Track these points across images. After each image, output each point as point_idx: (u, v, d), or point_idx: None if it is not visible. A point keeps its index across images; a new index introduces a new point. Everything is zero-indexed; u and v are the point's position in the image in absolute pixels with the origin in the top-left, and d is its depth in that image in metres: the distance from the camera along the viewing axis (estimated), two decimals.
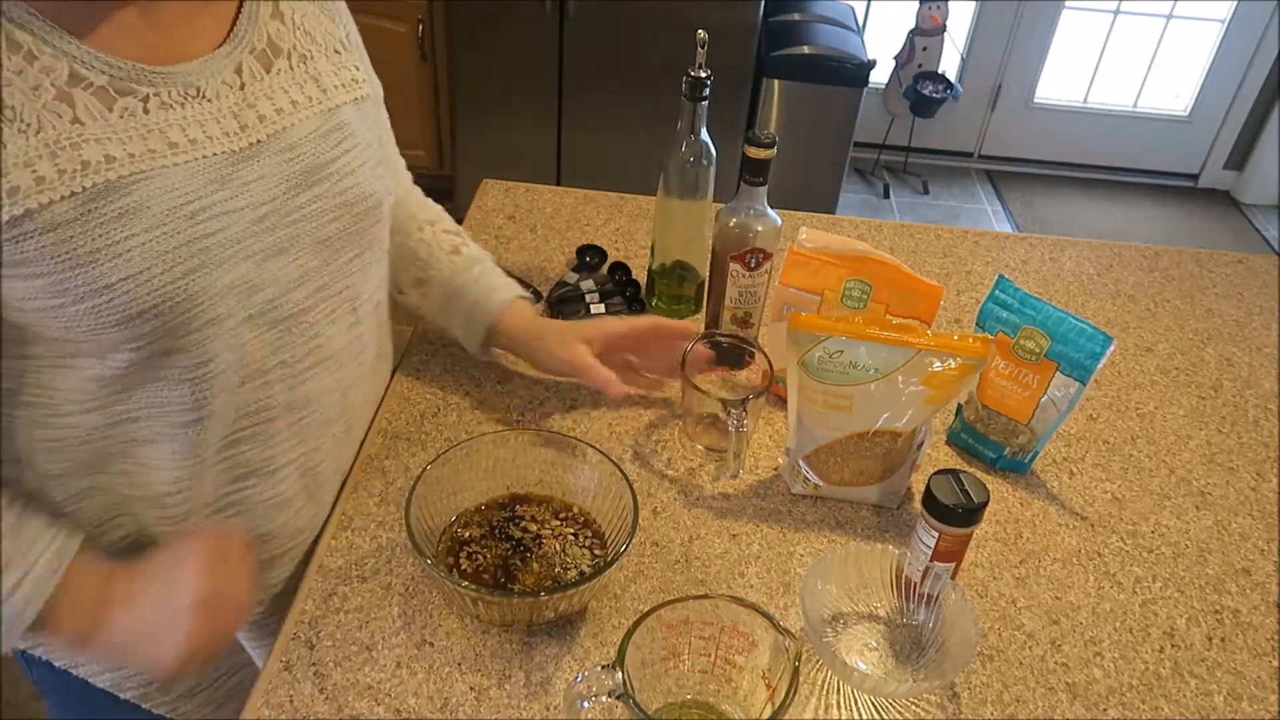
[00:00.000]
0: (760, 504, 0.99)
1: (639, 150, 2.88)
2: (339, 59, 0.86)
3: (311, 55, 0.83)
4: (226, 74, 0.76)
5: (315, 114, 0.81)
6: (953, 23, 3.43)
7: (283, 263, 0.79)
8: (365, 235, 0.87)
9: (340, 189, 0.82)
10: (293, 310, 0.81)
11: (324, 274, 0.83)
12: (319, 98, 0.82)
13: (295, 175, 0.79)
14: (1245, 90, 3.68)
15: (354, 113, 0.85)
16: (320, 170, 0.81)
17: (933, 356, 0.89)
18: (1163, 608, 0.92)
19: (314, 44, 0.84)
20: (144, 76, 0.70)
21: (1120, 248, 1.49)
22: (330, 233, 0.82)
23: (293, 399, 0.84)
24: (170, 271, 0.71)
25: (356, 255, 0.87)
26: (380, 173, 0.88)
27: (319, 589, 0.86)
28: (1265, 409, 1.19)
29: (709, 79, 1.06)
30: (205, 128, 0.73)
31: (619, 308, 1.24)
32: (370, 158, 0.86)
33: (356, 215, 0.85)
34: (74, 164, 0.66)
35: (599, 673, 0.69)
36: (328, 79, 0.83)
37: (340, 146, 0.83)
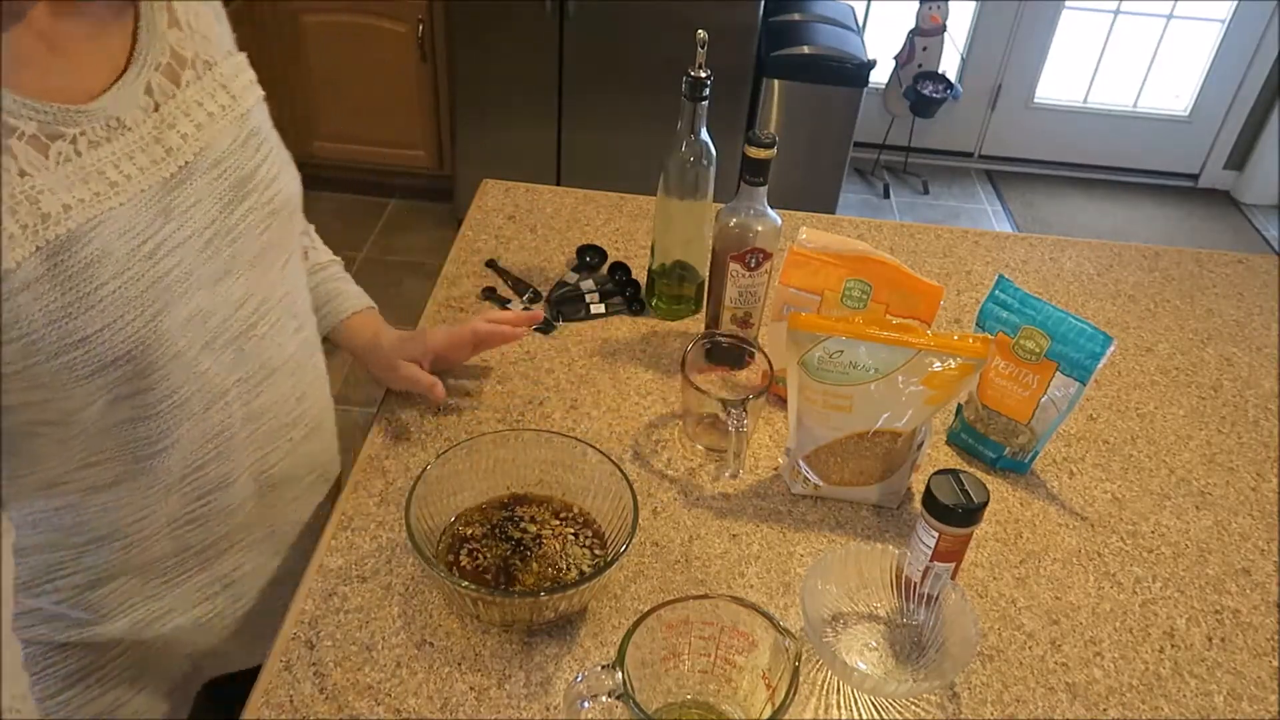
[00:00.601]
0: (760, 504, 0.99)
1: (639, 150, 2.88)
2: (235, 61, 0.83)
3: (214, 61, 0.80)
4: (140, 97, 0.73)
5: (231, 123, 0.79)
6: (953, 23, 3.43)
7: (229, 284, 0.78)
8: (291, 239, 0.87)
9: (267, 198, 0.81)
10: (243, 328, 0.81)
11: (263, 286, 0.83)
12: (231, 105, 0.80)
13: (227, 192, 0.77)
14: (1245, 90, 3.68)
15: (260, 115, 0.84)
16: (247, 182, 0.79)
17: (933, 356, 0.89)
18: (1163, 608, 0.92)
19: (212, 47, 0.81)
20: (68, 117, 0.67)
21: (1120, 248, 1.49)
22: (262, 245, 0.82)
23: (250, 411, 0.84)
24: (142, 315, 0.70)
25: (287, 260, 0.87)
26: (293, 171, 0.87)
27: (319, 589, 0.86)
28: (1265, 409, 1.19)
29: (709, 79, 1.06)
30: (134, 160, 0.71)
31: (619, 308, 1.24)
32: (282, 157, 0.85)
33: (283, 220, 0.84)
34: (34, 218, 0.64)
35: (599, 673, 0.69)
36: (234, 84, 0.81)
37: (259, 153, 0.81)
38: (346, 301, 1.05)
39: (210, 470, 0.82)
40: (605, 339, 1.19)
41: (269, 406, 0.86)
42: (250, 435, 0.85)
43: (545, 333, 1.19)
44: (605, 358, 1.16)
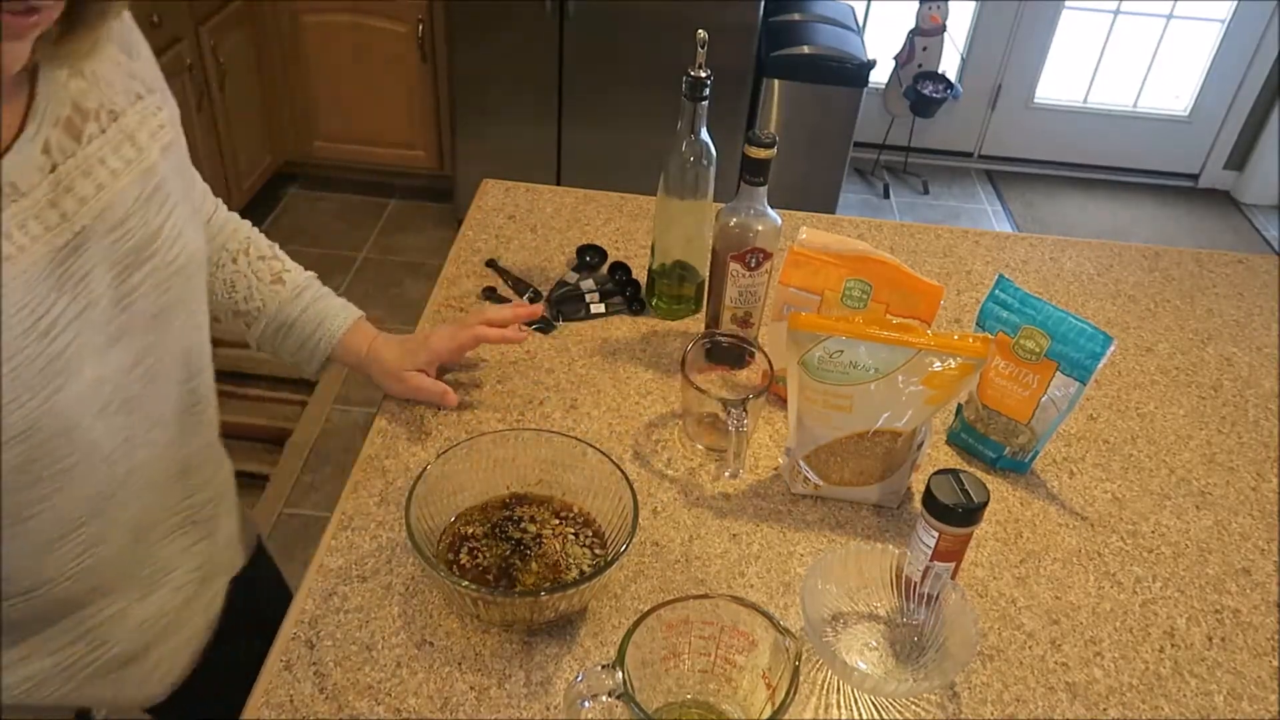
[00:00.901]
0: (760, 504, 0.99)
1: (639, 150, 2.88)
2: (143, 104, 0.76)
3: (120, 110, 0.73)
4: (36, 158, 0.66)
5: (135, 178, 0.73)
6: (953, 23, 3.43)
7: (121, 349, 0.74)
8: (196, 295, 0.82)
9: (171, 257, 0.76)
10: (133, 392, 0.76)
11: (158, 348, 0.78)
12: (136, 158, 0.74)
13: (126, 255, 0.72)
14: (1245, 90, 3.68)
15: (167, 165, 0.78)
16: (150, 244, 0.74)
17: (933, 356, 0.89)
18: (1163, 608, 0.92)
19: (116, 92, 0.74)
20: None
21: (1120, 248, 1.49)
22: (161, 305, 0.77)
23: (133, 465, 0.80)
24: (36, 396, 0.66)
25: (189, 316, 0.82)
26: (198, 222, 0.82)
27: (319, 589, 0.86)
28: (1265, 409, 1.19)
29: (709, 79, 1.06)
30: (27, 229, 0.65)
31: (619, 308, 1.24)
32: (188, 210, 0.80)
33: (186, 278, 0.79)
34: None
35: (599, 673, 0.69)
36: (140, 132, 0.75)
37: (164, 209, 0.76)
38: (335, 320, 1.03)
39: (86, 530, 0.77)
40: (605, 339, 1.19)
41: (149, 460, 0.82)
42: (129, 491, 0.81)
43: (545, 333, 1.19)
44: (605, 358, 1.16)
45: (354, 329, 1.04)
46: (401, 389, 1.06)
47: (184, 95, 2.58)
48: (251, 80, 2.97)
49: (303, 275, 1.04)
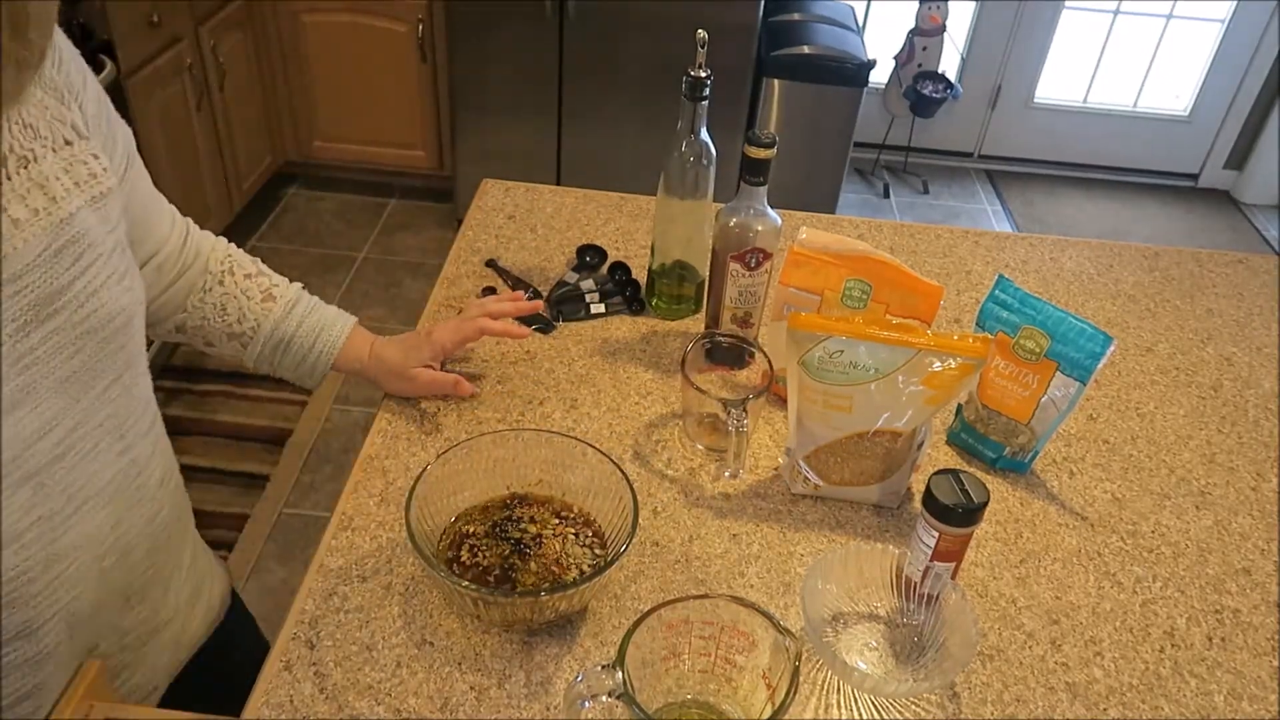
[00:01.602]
0: (760, 504, 0.99)
1: (639, 150, 2.89)
2: (71, 151, 0.71)
3: (36, 156, 0.68)
4: None
5: (44, 229, 0.67)
6: (953, 23, 3.43)
7: (20, 415, 0.68)
8: (119, 356, 0.76)
9: (81, 316, 0.70)
10: (41, 464, 0.70)
11: (74, 413, 0.72)
12: (48, 208, 0.68)
13: (24, 312, 0.66)
14: (1245, 90, 3.68)
15: (92, 216, 0.72)
16: (55, 299, 0.68)
17: (933, 356, 0.89)
18: (1163, 608, 0.92)
19: (38, 139, 0.69)
20: None
21: (1120, 248, 1.49)
22: (73, 368, 0.71)
23: (54, 552, 0.74)
24: None
25: (114, 380, 0.76)
26: (129, 283, 0.76)
27: (319, 589, 0.86)
28: (1265, 409, 1.19)
29: (709, 79, 1.06)
30: None
31: (619, 308, 1.24)
32: (116, 267, 0.74)
33: (103, 340, 0.73)
34: None
35: (599, 673, 0.69)
36: (57, 183, 0.69)
37: (79, 264, 0.70)
38: (332, 331, 1.01)
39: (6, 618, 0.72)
40: (605, 339, 1.19)
41: (80, 542, 0.76)
42: (53, 580, 0.74)
43: (545, 333, 1.19)
44: (605, 358, 1.16)
45: (352, 337, 1.03)
46: (412, 388, 1.05)
47: (184, 95, 2.59)
48: (251, 80, 2.97)
49: (292, 289, 1.01)
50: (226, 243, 1.01)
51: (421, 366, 1.04)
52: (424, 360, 1.04)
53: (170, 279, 0.93)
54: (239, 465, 2.35)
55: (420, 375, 1.04)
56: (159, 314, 0.94)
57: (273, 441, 2.42)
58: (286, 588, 2.07)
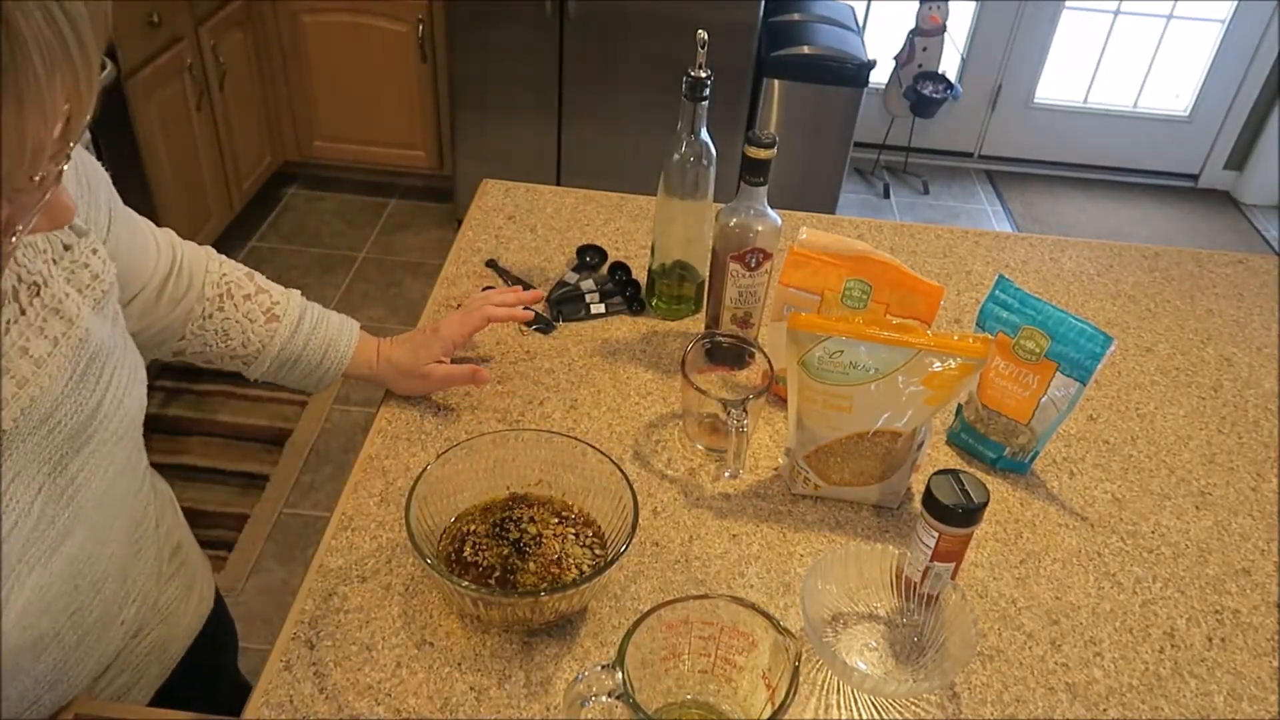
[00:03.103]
0: (760, 504, 0.99)
1: (639, 150, 2.88)
2: (71, 256, 0.66)
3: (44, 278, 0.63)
4: None
5: (66, 357, 0.63)
6: (953, 23, 3.43)
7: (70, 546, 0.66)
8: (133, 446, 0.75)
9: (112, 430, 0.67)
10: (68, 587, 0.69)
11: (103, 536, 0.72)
12: (65, 332, 0.63)
13: (60, 447, 0.63)
14: (1245, 90, 3.68)
15: (98, 320, 0.67)
16: (88, 425, 0.65)
17: (933, 356, 0.89)
18: (1163, 608, 0.92)
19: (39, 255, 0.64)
20: None
21: (1120, 248, 1.49)
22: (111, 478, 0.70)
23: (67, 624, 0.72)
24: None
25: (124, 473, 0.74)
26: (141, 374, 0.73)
27: (319, 589, 0.86)
28: (1265, 409, 1.19)
29: (709, 79, 1.06)
30: None
31: (619, 308, 1.24)
32: (129, 364, 0.71)
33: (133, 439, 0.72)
34: None
35: (599, 673, 0.69)
36: (68, 300, 0.64)
37: (103, 379, 0.66)
38: (340, 343, 1.00)
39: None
40: (605, 339, 1.19)
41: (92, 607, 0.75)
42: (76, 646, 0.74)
43: (545, 333, 1.19)
44: (605, 358, 1.16)
45: (360, 346, 1.02)
46: (425, 385, 1.05)
47: (184, 95, 2.59)
48: (251, 80, 2.97)
49: (294, 304, 0.98)
50: (220, 260, 0.96)
51: (433, 363, 1.03)
52: (435, 356, 1.03)
53: (164, 309, 0.89)
54: (239, 465, 2.35)
55: (434, 371, 1.03)
56: (154, 340, 0.90)
57: (273, 441, 2.42)
58: (287, 588, 2.07)
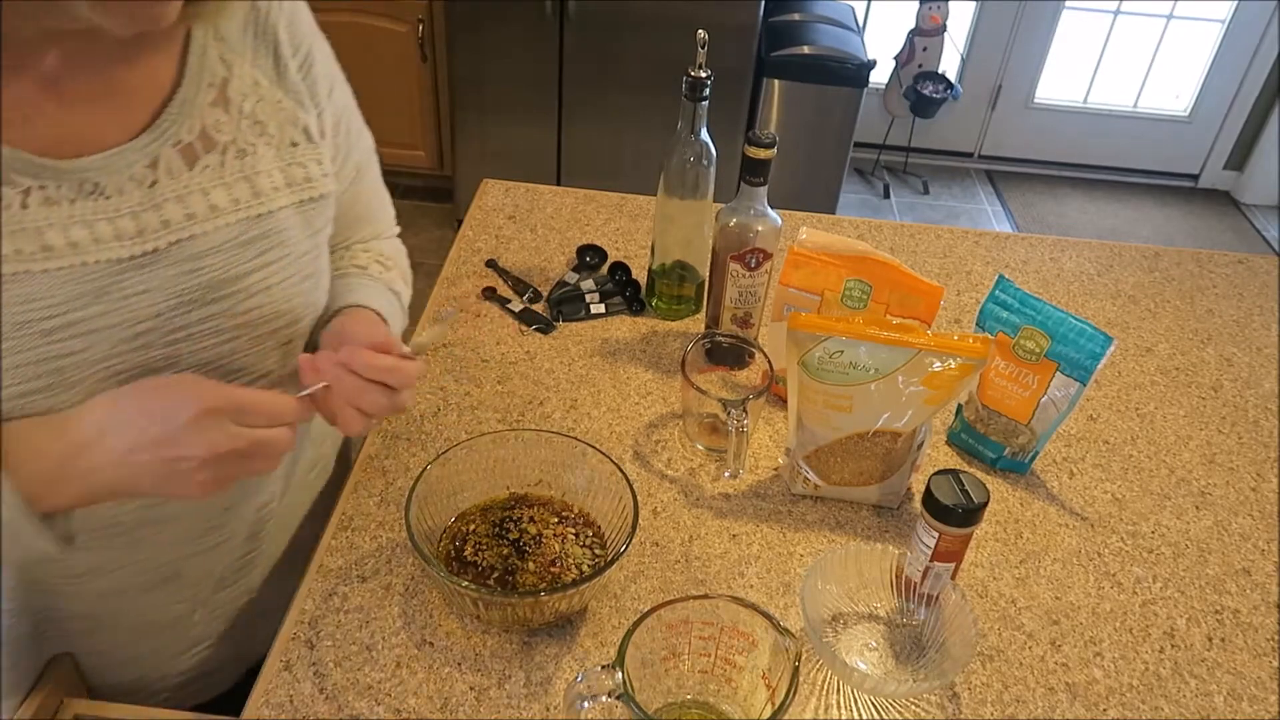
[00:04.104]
0: (760, 504, 0.99)
1: (639, 150, 2.88)
2: (294, 153, 0.74)
3: (254, 150, 0.71)
4: (137, 168, 0.65)
5: (237, 221, 0.70)
6: (953, 23, 3.42)
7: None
8: (270, 356, 0.76)
9: (245, 307, 0.71)
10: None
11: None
12: (248, 202, 0.71)
13: (191, 290, 0.68)
14: (1245, 90, 3.68)
15: (296, 218, 0.74)
16: (226, 285, 0.70)
17: (933, 356, 0.89)
18: (1163, 608, 0.92)
19: (262, 136, 0.72)
20: (28, 167, 0.61)
21: (1120, 248, 1.49)
22: (219, 354, 0.72)
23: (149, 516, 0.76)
24: (9, 389, 0.62)
25: (260, 376, 0.77)
26: (310, 286, 0.77)
27: (319, 589, 0.86)
28: (1265, 409, 1.19)
29: (709, 79, 1.06)
30: (94, 229, 0.64)
31: (619, 308, 1.24)
32: (299, 270, 0.75)
33: (259, 336, 0.74)
34: None
35: (599, 673, 0.69)
36: (266, 179, 0.72)
37: (262, 259, 0.72)
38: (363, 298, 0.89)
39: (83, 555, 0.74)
40: (605, 339, 1.19)
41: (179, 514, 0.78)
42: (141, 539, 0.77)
43: (545, 333, 1.19)
44: (605, 358, 1.16)
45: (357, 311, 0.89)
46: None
47: None
48: None
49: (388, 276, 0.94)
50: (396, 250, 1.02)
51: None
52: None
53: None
54: None
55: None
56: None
57: None
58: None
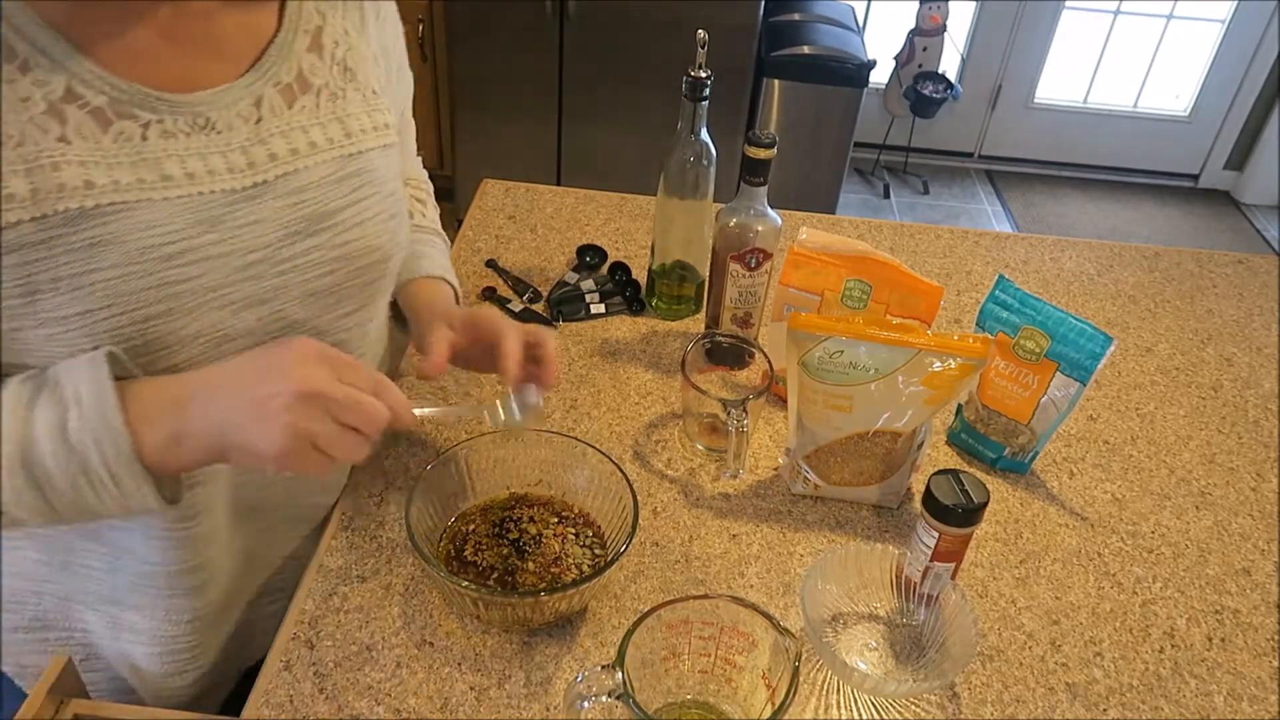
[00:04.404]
0: (760, 504, 0.99)
1: (639, 150, 2.88)
2: (375, 101, 0.81)
3: (344, 94, 0.78)
4: (243, 106, 0.71)
5: (333, 158, 0.76)
6: (953, 23, 3.43)
7: (262, 313, 0.73)
8: (366, 290, 0.82)
9: (342, 240, 0.77)
10: None
11: (308, 328, 0.78)
12: (341, 141, 0.77)
13: (296, 222, 0.74)
14: (1245, 90, 3.68)
15: (380, 158, 0.81)
16: (326, 219, 0.76)
17: (933, 356, 0.89)
18: (1163, 608, 0.92)
19: (351, 82, 0.79)
20: (148, 101, 0.66)
21: (1120, 248, 1.49)
22: (323, 285, 0.77)
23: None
24: (131, 314, 0.65)
25: (354, 310, 0.82)
26: (395, 225, 0.82)
27: (319, 589, 0.86)
28: (1265, 409, 1.19)
29: (709, 79, 1.06)
30: (207, 162, 0.69)
31: (619, 308, 1.24)
32: (387, 208, 0.81)
33: (357, 269, 0.79)
34: (50, 185, 0.62)
35: (599, 673, 0.69)
36: (355, 121, 0.79)
37: (355, 194, 0.78)
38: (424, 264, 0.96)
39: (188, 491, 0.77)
40: (605, 339, 1.19)
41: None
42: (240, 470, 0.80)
43: None
44: (605, 358, 1.16)
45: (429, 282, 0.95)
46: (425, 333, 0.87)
47: None
48: None
49: (431, 220, 1.04)
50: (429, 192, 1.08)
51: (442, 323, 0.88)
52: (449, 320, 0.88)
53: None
54: None
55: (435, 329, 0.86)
56: None
57: None
58: None
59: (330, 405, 0.64)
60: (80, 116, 0.64)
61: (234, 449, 0.65)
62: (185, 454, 0.66)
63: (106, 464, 0.63)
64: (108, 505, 0.65)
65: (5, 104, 0.61)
